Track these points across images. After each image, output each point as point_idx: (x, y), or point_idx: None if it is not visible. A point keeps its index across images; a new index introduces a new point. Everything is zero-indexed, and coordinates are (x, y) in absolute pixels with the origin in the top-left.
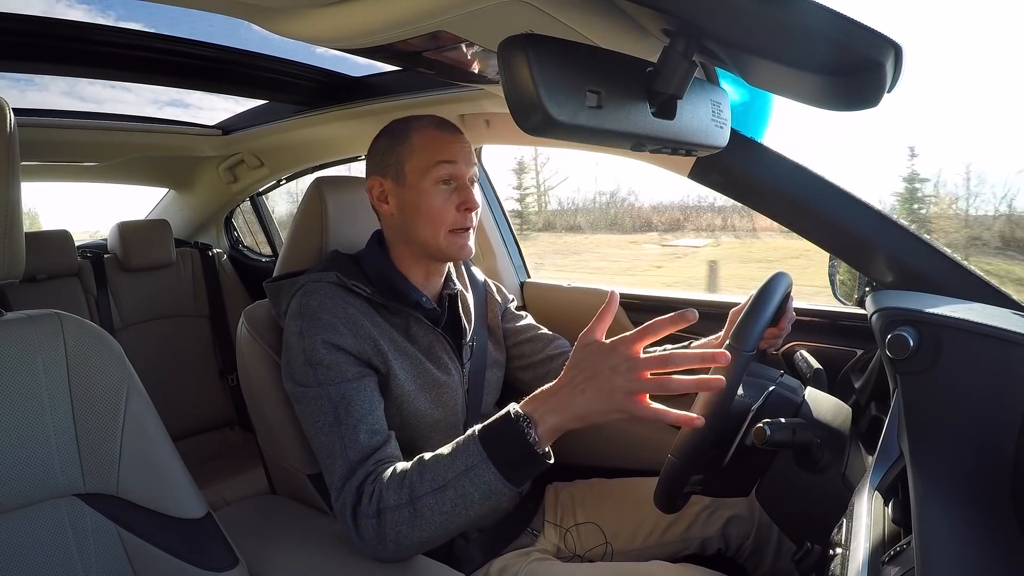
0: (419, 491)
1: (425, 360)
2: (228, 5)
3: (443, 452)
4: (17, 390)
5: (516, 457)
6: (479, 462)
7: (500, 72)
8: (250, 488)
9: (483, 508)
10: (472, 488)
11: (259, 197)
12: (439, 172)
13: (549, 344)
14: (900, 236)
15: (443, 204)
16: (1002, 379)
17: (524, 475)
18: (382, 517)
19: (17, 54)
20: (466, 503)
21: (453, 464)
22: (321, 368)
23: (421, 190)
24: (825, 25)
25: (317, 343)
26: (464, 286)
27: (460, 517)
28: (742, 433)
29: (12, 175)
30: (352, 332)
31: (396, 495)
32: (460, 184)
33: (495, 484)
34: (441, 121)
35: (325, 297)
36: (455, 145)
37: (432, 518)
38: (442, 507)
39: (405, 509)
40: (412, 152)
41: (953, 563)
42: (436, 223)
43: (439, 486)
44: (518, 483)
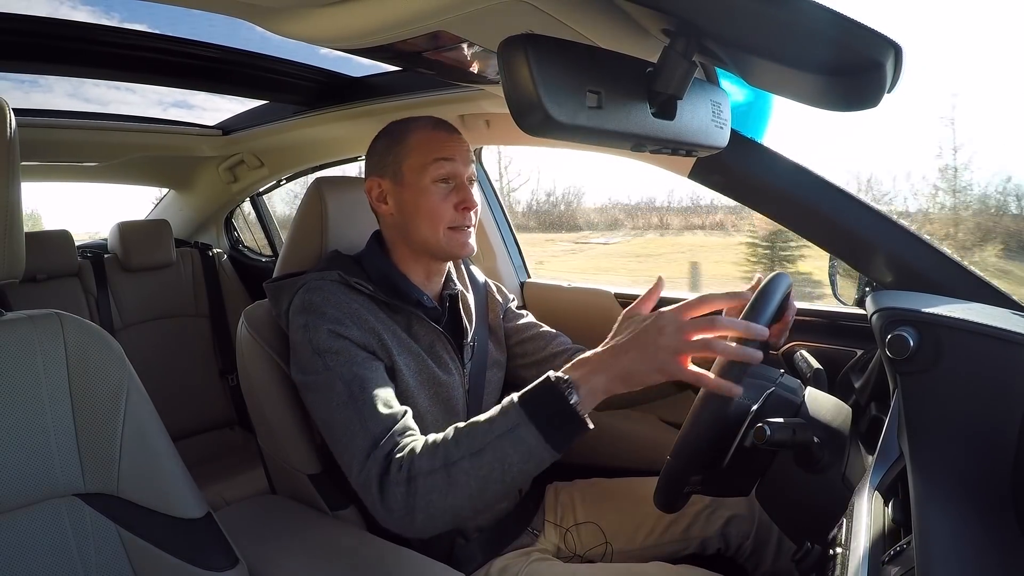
0: (454, 456)
1: (427, 357)
2: (228, 5)
3: (479, 418)
4: (17, 390)
5: (558, 418)
6: (520, 423)
7: (500, 72)
8: (250, 488)
9: (520, 475)
10: (512, 450)
11: (259, 197)
12: (437, 171)
13: (552, 341)
14: (900, 236)
15: (441, 203)
16: (1002, 379)
17: (565, 437)
18: (413, 484)
19: (17, 54)
20: (504, 467)
21: (492, 427)
22: (329, 355)
23: (419, 189)
24: (825, 25)
25: (323, 333)
26: (465, 286)
27: (495, 484)
28: (741, 435)
29: (12, 175)
30: (357, 325)
31: (429, 461)
32: (458, 183)
33: (536, 446)
34: (438, 121)
35: (329, 293)
36: (452, 144)
37: (467, 484)
38: (478, 471)
39: (439, 474)
40: (410, 151)
41: (953, 563)
42: (435, 221)
43: (476, 450)
44: (559, 446)
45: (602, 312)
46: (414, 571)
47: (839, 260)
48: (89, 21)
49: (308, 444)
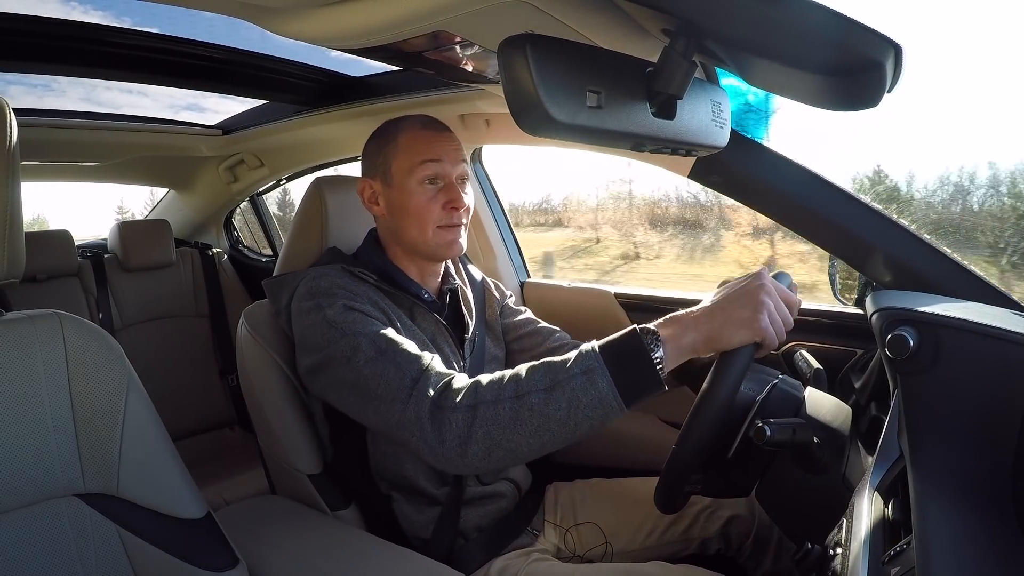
0: (524, 388)
1: (431, 347)
2: (228, 5)
3: (554, 359)
4: (17, 390)
5: (635, 370)
6: (596, 367)
7: (500, 72)
8: (250, 488)
9: (584, 421)
10: (582, 393)
11: (259, 197)
12: (424, 171)
13: (549, 337)
14: (900, 236)
15: (428, 203)
16: (1002, 379)
17: (638, 392)
18: (475, 412)
19: (18, 54)
20: (571, 408)
21: (566, 366)
22: (347, 323)
23: (407, 190)
24: (825, 25)
25: (338, 308)
26: (463, 282)
27: (557, 427)
28: (746, 425)
29: (12, 175)
30: (368, 303)
31: (496, 390)
32: (447, 183)
33: (607, 394)
34: (428, 120)
35: (336, 278)
36: (441, 144)
37: (530, 419)
38: (544, 407)
39: (505, 404)
40: (398, 152)
41: (953, 563)
42: (423, 221)
43: (547, 386)
44: (629, 399)
45: (602, 312)
46: (414, 571)
47: (839, 260)
48: (89, 21)
49: (308, 444)
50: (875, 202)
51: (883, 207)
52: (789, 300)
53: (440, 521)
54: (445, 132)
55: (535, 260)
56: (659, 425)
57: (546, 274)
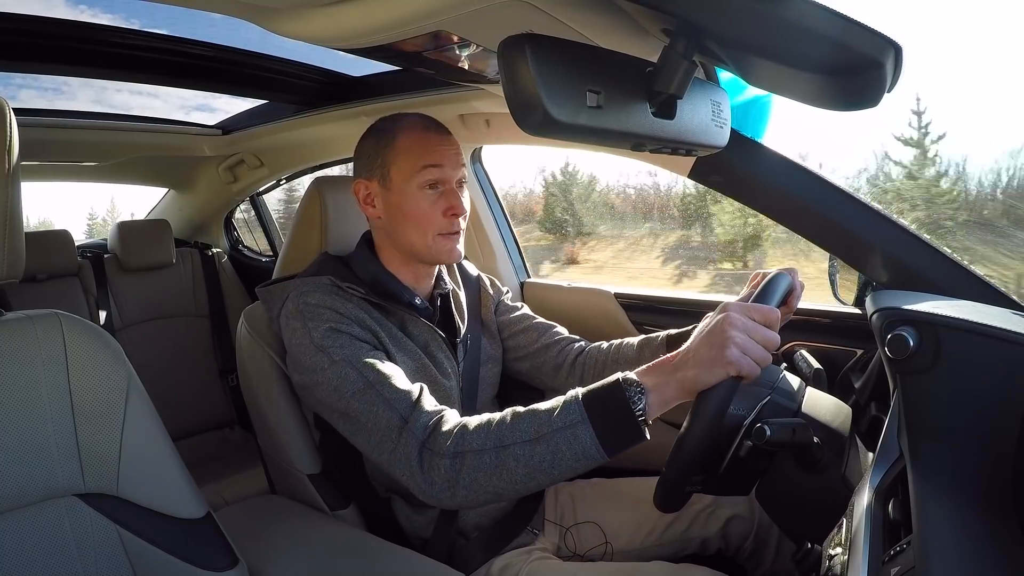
0: (509, 439)
1: (424, 357)
2: (228, 5)
3: (540, 406)
4: (17, 390)
5: (617, 424)
6: (580, 421)
7: (500, 72)
8: (250, 488)
9: (568, 471)
10: (566, 446)
11: (259, 197)
12: (425, 176)
13: (544, 333)
14: (900, 236)
15: (429, 208)
16: (1002, 379)
17: (621, 444)
18: (461, 460)
19: (17, 54)
20: (555, 460)
21: (551, 419)
22: (334, 348)
23: (407, 194)
24: (825, 25)
25: (323, 330)
26: (457, 283)
27: (541, 475)
28: (735, 445)
29: (12, 175)
30: (355, 323)
31: (482, 439)
32: (447, 188)
33: (590, 447)
34: (428, 122)
35: (323, 295)
36: (442, 148)
37: (515, 470)
38: (529, 459)
39: (490, 455)
40: (398, 155)
41: (953, 563)
42: (423, 227)
43: (531, 438)
44: (612, 451)
45: (602, 312)
46: (414, 571)
47: (839, 260)
48: (89, 21)
49: (308, 444)
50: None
51: (883, 207)
52: (767, 319)
53: (440, 521)
54: (445, 134)
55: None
56: (659, 425)
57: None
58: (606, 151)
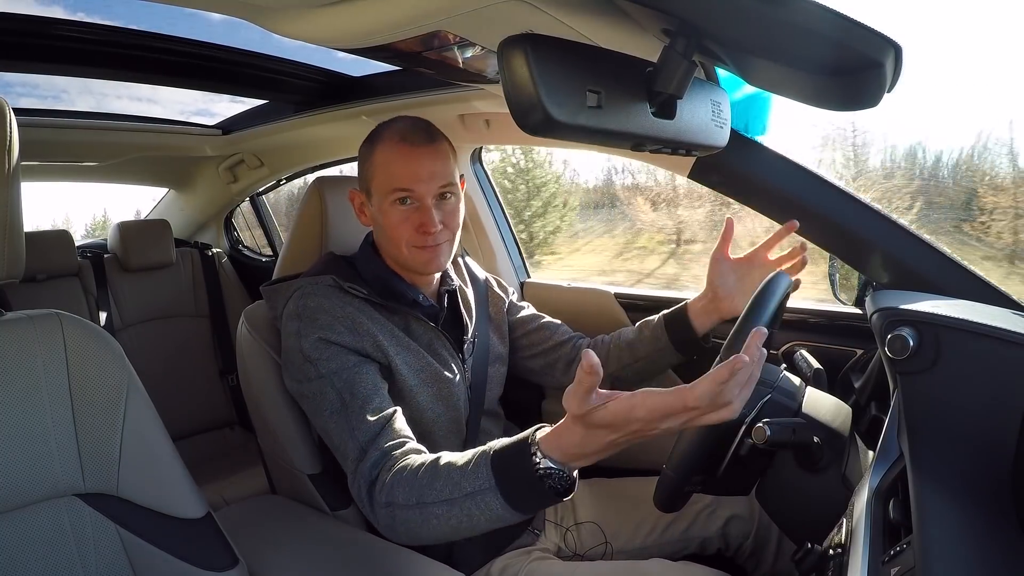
0: (428, 498)
1: (427, 355)
2: (228, 5)
3: (456, 463)
4: (17, 390)
5: (527, 491)
6: (487, 488)
7: (500, 72)
8: (250, 488)
9: (491, 527)
10: (478, 512)
11: (259, 197)
12: (396, 194)
13: (555, 332)
14: (899, 236)
15: (401, 224)
16: (1002, 379)
17: (534, 507)
18: (393, 511)
19: (16, 54)
20: (472, 521)
21: (462, 482)
22: (321, 361)
23: (383, 209)
24: (825, 25)
25: (313, 340)
26: (464, 282)
27: (467, 531)
28: (735, 445)
29: (12, 175)
30: (350, 330)
31: (406, 494)
32: (421, 204)
33: (502, 513)
34: (408, 131)
35: (322, 298)
36: (415, 164)
37: (439, 526)
38: (449, 520)
39: (414, 511)
40: (375, 170)
41: (953, 563)
42: (396, 241)
43: (447, 498)
44: (527, 511)
45: (601, 312)
46: (414, 571)
47: (839, 260)
48: (89, 21)
49: (308, 444)
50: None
51: (883, 206)
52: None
53: None
54: (422, 145)
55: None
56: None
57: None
58: (606, 151)
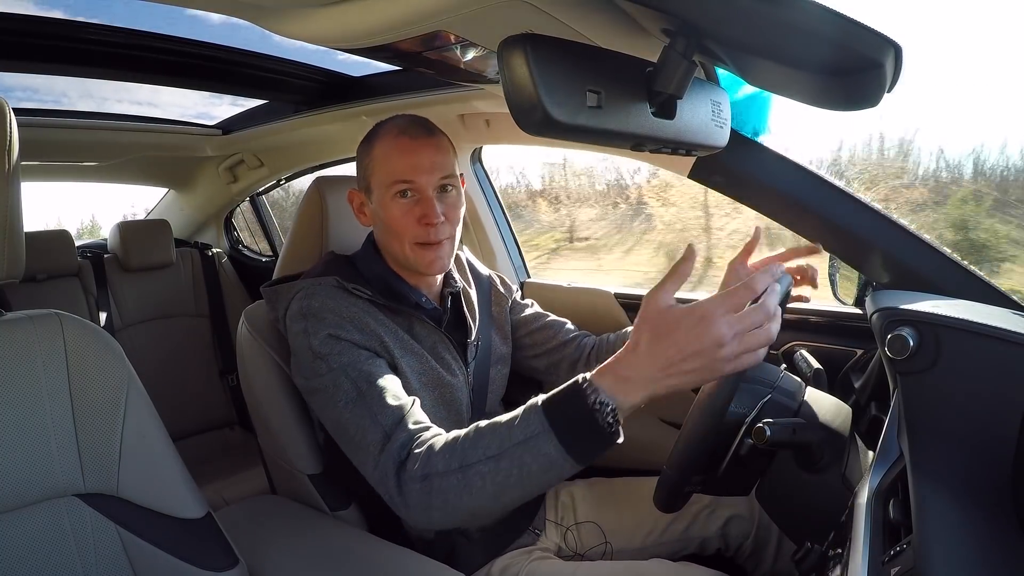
0: (471, 457)
1: (430, 358)
2: (228, 5)
3: (501, 419)
4: (17, 390)
5: (582, 431)
6: (540, 432)
7: (500, 72)
8: (250, 488)
9: (541, 483)
10: (530, 459)
11: (259, 197)
12: (396, 186)
13: (560, 330)
14: (899, 236)
15: (403, 217)
16: (1002, 379)
17: (590, 451)
18: (428, 482)
19: (16, 54)
20: (523, 474)
21: (511, 432)
22: (332, 356)
23: (384, 204)
24: (825, 25)
25: (322, 337)
26: (468, 281)
27: (514, 490)
28: (736, 444)
29: (12, 175)
30: (357, 328)
31: (446, 460)
32: (422, 196)
33: (556, 458)
34: (407, 125)
35: (326, 298)
36: (415, 156)
37: (483, 487)
38: (495, 476)
39: (455, 475)
40: (375, 165)
41: (953, 562)
42: (399, 237)
43: (494, 454)
44: (582, 459)
45: (601, 312)
46: (415, 571)
47: (839, 260)
48: (89, 21)
49: (308, 444)
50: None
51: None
52: (761, 312)
53: None
54: (422, 138)
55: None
56: (659, 425)
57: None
58: (606, 151)
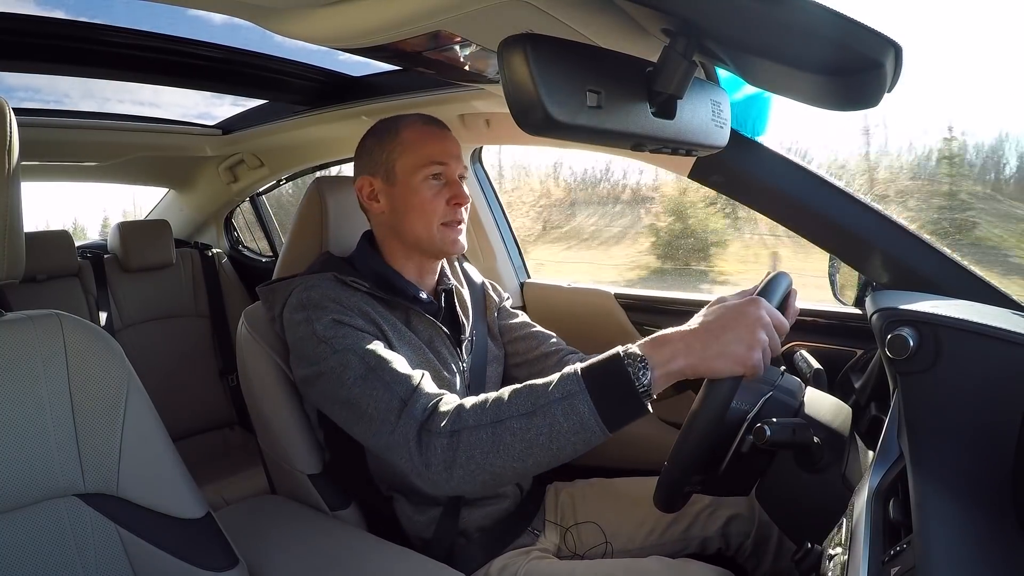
0: (505, 413)
1: (428, 351)
2: (228, 5)
3: (537, 381)
4: (17, 390)
5: (617, 396)
6: (577, 392)
7: (500, 72)
8: (250, 488)
9: (567, 446)
10: (563, 418)
11: (259, 197)
12: (430, 169)
13: (544, 342)
14: (899, 236)
15: (434, 198)
16: (1002, 379)
17: (621, 417)
18: (458, 437)
19: (16, 54)
20: (552, 432)
21: (547, 390)
22: (337, 338)
23: (412, 187)
24: (825, 25)
25: (326, 322)
26: (460, 283)
27: (540, 451)
28: (738, 441)
29: (12, 175)
30: (359, 315)
31: (477, 415)
32: (450, 180)
33: (588, 419)
34: (428, 118)
35: (327, 289)
36: (445, 143)
37: (513, 444)
38: (526, 433)
39: (486, 430)
40: (403, 151)
41: (953, 562)
42: (428, 217)
43: (527, 411)
44: (612, 425)
45: (602, 312)
46: (414, 571)
47: (839, 260)
48: (89, 21)
49: (308, 444)
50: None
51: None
52: (780, 325)
53: (442, 521)
54: (446, 130)
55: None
56: (659, 425)
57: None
58: (606, 151)
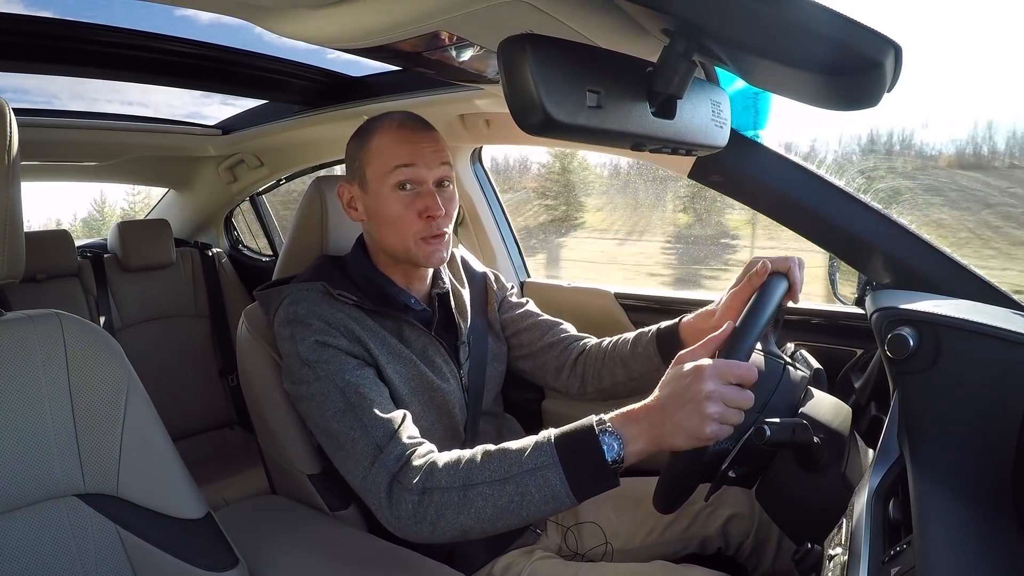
0: (477, 478)
1: (420, 363)
2: (228, 5)
3: (510, 445)
4: (17, 390)
5: (590, 472)
6: (550, 464)
7: (500, 72)
8: (250, 488)
9: (536, 513)
10: (534, 488)
11: (259, 197)
12: (397, 176)
13: (548, 331)
14: (899, 236)
15: (404, 211)
16: (1002, 379)
17: (591, 489)
18: (429, 496)
19: (15, 54)
20: (523, 502)
21: (520, 460)
22: (319, 364)
23: (381, 197)
24: (825, 25)
25: (310, 344)
26: (460, 281)
27: (510, 516)
28: (743, 439)
29: (12, 175)
30: (343, 335)
31: (450, 476)
32: (423, 189)
33: (560, 491)
34: (407, 118)
35: (313, 304)
36: (415, 146)
37: (482, 508)
38: (497, 500)
39: (457, 492)
40: (371, 156)
41: (953, 562)
42: (401, 232)
43: (500, 478)
44: (582, 496)
45: (602, 312)
46: (415, 571)
47: (839, 260)
48: (88, 21)
49: (308, 444)
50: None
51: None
52: (745, 379)
53: None
54: (423, 131)
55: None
56: None
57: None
58: (606, 151)
